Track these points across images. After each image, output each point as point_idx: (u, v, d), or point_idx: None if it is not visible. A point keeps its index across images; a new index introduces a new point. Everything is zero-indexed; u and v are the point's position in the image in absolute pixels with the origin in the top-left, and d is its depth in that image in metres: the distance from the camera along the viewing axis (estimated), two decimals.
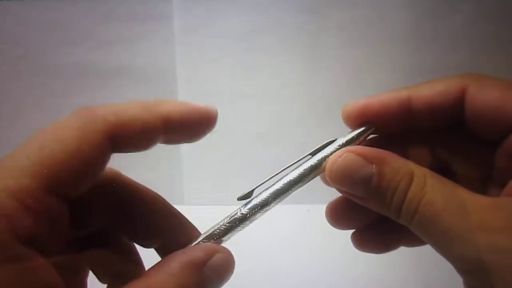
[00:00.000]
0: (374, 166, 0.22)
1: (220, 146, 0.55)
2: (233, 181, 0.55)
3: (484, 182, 0.24)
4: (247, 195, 0.24)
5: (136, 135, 0.20)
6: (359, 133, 0.24)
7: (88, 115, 0.19)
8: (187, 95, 0.54)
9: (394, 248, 0.27)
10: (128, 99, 0.20)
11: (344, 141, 0.24)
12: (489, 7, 0.50)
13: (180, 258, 0.21)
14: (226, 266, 0.22)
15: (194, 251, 0.22)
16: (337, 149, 0.24)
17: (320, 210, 0.27)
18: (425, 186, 0.21)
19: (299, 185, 0.24)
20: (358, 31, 0.51)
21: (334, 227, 0.26)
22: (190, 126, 0.22)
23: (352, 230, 0.27)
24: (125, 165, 0.58)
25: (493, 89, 0.22)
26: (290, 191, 0.24)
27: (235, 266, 0.22)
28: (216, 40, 0.52)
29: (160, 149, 0.22)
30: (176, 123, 0.21)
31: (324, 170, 0.24)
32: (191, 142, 0.23)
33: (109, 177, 0.23)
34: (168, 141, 0.22)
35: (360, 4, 0.51)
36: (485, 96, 0.22)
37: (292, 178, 0.24)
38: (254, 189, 0.24)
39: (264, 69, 0.53)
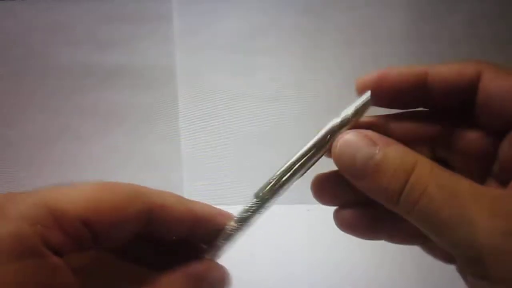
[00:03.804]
0: (378, 147, 0.22)
1: (220, 146, 0.55)
2: (232, 182, 0.55)
3: (482, 177, 0.24)
4: (264, 192, 0.24)
5: (169, 221, 0.23)
6: (359, 104, 0.24)
7: (139, 188, 0.22)
8: (187, 95, 0.54)
9: (373, 237, 0.26)
10: (129, 99, 0.21)
11: (348, 113, 0.23)
12: (489, 8, 0.50)
13: (180, 272, 0.22)
14: (222, 283, 0.24)
15: (193, 266, 0.23)
16: (341, 122, 0.23)
17: (320, 210, 0.27)
18: (432, 171, 0.21)
19: (301, 171, 0.24)
20: (357, 32, 0.51)
21: (318, 200, 0.26)
22: (211, 226, 0.24)
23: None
24: (126, 165, 0.58)
25: (509, 76, 0.22)
26: (293, 179, 0.24)
27: (237, 271, 0.24)
28: (215, 40, 0.53)
29: (160, 149, 0.23)
30: (203, 220, 0.24)
31: (327, 147, 0.23)
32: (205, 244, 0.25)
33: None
34: (189, 236, 0.24)
35: (359, 5, 0.51)
36: (500, 81, 0.22)
37: (295, 159, 0.24)
38: (270, 184, 0.24)
39: (263, 70, 0.53)
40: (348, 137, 0.23)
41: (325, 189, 0.26)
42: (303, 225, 0.48)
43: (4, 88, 0.53)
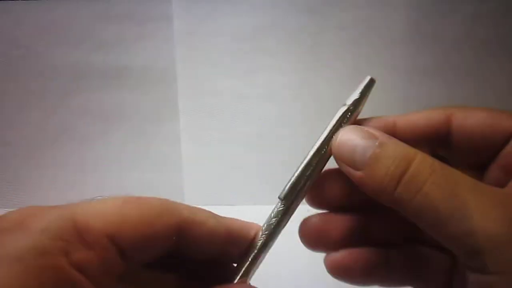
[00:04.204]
0: (378, 140, 0.22)
1: (220, 146, 0.55)
2: (233, 182, 0.55)
3: None
4: (289, 193, 0.24)
5: (200, 237, 0.22)
6: (362, 87, 0.24)
7: (169, 203, 0.21)
8: (187, 96, 0.54)
9: (366, 281, 0.25)
10: (129, 100, 0.20)
11: (354, 98, 0.24)
12: (490, 7, 0.50)
13: None
14: None
15: None
16: (349, 107, 0.24)
17: (320, 211, 0.27)
18: (434, 163, 0.21)
19: (320, 166, 0.23)
20: (358, 31, 0.51)
21: (306, 245, 0.26)
22: (244, 241, 0.23)
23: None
24: (126, 166, 0.58)
25: (479, 111, 0.23)
26: (313, 174, 0.24)
27: None
28: (216, 40, 0.52)
29: (160, 149, 0.23)
30: (235, 235, 0.23)
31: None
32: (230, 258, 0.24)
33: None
34: (222, 252, 0.23)
35: (360, 4, 0.51)
36: (473, 116, 0.23)
37: (312, 155, 0.23)
38: (294, 184, 0.24)
39: (264, 69, 0.53)
40: (349, 129, 0.23)
41: (313, 232, 0.25)
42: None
43: (4, 89, 0.53)
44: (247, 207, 0.52)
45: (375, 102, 0.25)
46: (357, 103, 0.24)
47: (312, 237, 0.25)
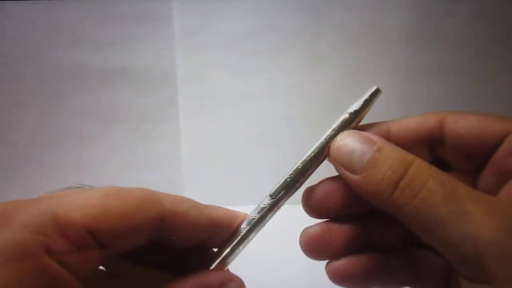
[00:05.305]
0: (376, 144, 0.22)
1: (220, 146, 0.55)
2: (233, 182, 0.55)
3: None
4: (279, 191, 0.24)
5: (183, 228, 0.22)
6: (367, 96, 0.24)
7: (150, 194, 0.21)
8: (187, 95, 0.54)
9: (368, 285, 0.25)
10: (129, 100, 0.20)
11: (358, 106, 0.24)
12: (490, 7, 0.50)
13: (195, 281, 0.22)
14: None
15: (210, 276, 0.22)
16: (351, 115, 0.24)
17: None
18: (431, 168, 0.21)
19: (313, 168, 0.24)
20: (358, 32, 0.51)
21: (308, 254, 0.26)
22: (228, 230, 0.24)
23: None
24: (126, 166, 0.58)
25: (471, 115, 0.23)
26: (306, 176, 0.24)
27: (236, 272, 0.24)
28: (216, 40, 0.52)
29: (160, 149, 0.22)
30: (219, 225, 0.23)
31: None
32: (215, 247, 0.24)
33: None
34: (207, 241, 0.23)
35: (360, 5, 0.51)
36: (465, 120, 0.23)
37: (307, 157, 0.24)
38: (286, 183, 0.24)
39: (264, 70, 0.53)
40: (347, 134, 0.23)
41: (314, 241, 0.25)
42: (303, 225, 0.48)
43: (4, 89, 0.53)
44: (247, 207, 0.52)
45: (376, 102, 0.25)
46: (359, 111, 0.24)
47: (313, 247, 0.25)
